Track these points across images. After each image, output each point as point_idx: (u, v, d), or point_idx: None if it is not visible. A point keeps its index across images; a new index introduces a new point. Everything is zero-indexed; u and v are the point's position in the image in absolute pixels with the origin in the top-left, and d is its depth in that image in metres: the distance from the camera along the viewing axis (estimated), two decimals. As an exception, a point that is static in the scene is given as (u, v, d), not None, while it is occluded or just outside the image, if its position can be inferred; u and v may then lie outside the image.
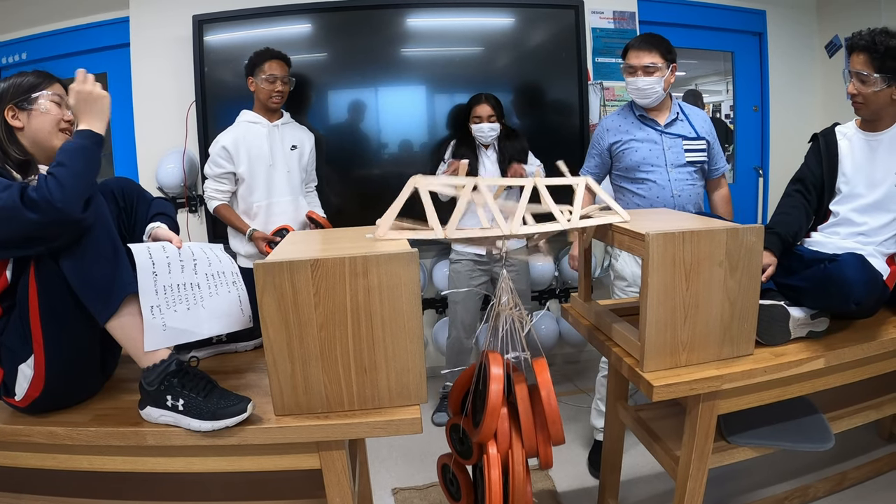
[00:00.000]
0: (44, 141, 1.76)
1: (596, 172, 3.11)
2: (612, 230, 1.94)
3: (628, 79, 2.95)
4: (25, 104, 1.73)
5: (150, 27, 3.84)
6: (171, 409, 1.58)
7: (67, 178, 1.50)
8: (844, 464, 2.81)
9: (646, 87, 2.88)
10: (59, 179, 1.49)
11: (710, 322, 1.81)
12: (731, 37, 4.66)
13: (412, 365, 1.59)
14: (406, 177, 1.75)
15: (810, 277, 2.06)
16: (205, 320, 1.74)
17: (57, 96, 1.78)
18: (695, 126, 2.98)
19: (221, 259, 1.87)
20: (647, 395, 1.77)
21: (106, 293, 1.59)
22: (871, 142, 2.37)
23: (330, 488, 1.65)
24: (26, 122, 1.74)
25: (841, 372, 2.06)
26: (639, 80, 2.88)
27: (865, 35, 2.26)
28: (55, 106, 1.77)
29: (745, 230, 1.78)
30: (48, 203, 1.45)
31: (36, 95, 1.74)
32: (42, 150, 1.77)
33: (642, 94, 2.90)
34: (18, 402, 1.65)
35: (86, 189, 1.54)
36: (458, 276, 3.61)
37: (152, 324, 1.62)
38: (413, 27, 4.00)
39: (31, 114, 1.74)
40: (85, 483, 1.87)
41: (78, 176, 1.52)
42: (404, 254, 1.52)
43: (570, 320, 2.37)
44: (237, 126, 3.30)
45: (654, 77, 2.87)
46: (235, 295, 1.85)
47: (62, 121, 1.78)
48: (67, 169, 1.51)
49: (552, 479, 2.95)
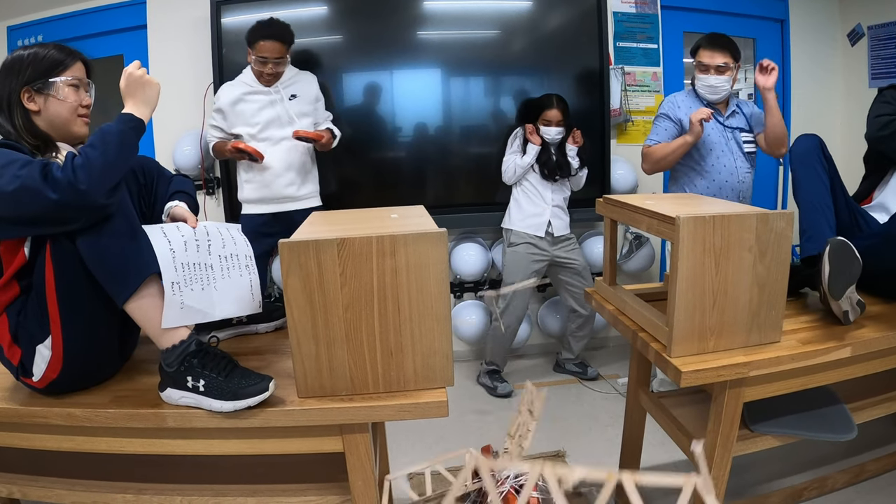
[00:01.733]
0: (61, 126, 1.74)
1: (667, 138, 3.22)
2: (641, 213, 1.92)
3: (700, 75, 3.16)
4: (43, 88, 1.69)
5: (168, 9, 3.84)
6: (191, 391, 1.57)
7: (97, 161, 1.47)
8: (863, 455, 2.79)
9: (718, 84, 3.11)
10: (88, 161, 1.46)
11: (738, 308, 1.78)
12: (752, 23, 4.61)
13: (439, 347, 1.57)
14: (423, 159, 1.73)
15: (875, 232, 2.13)
16: (217, 302, 1.73)
17: (76, 79, 1.74)
18: (747, 117, 3.18)
19: (236, 241, 1.84)
20: (674, 380, 1.74)
21: (124, 274, 1.58)
22: None
23: (353, 472, 1.63)
24: (43, 107, 1.70)
25: (866, 361, 2.03)
26: (711, 78, 3.11)
27: None
28: (73, 91, 1.73)
29: (776, 216, 1.75)
30: (71, 185, 1.42)
31: (53, 80, 1.70)
32: (59, 134, 1.75)
33: (713, 90, 3.14)
34: (36, 382, 1.64)
35: (116, 176, 1.52)
36: (518, 257, 3.76)
37: (172, 300, 1.60)
38: (431, 9, 3.98)
39: (48, 98, 1.70)
40: (102, 465, 1.86)
41: (109, 161, 1.49)
42: (433, 233, 1.50)
43: (593, 304, 2.35)
44: (234, 86, 3.34)
45: (725, 76, 3.11)
46: (247, 279, 1.83)
47: (80, 106, 1.75)
48: (99, 152, 1.49)
49: (570, 465, 2.92)
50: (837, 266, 1.89)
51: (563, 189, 3.79)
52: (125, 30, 4.01)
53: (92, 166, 1.46)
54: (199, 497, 1.74)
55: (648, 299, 2.11)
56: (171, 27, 3.84)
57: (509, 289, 3.64)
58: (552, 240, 3.76)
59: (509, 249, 3.81)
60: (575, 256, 3.81)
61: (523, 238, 3.76)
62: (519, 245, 3.76)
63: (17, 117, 1.68)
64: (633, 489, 0.55)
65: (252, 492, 1.75)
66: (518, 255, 3.76)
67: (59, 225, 1.51)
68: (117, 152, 1.52)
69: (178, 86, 3.80)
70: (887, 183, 2.44)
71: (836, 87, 4.77)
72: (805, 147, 2.26)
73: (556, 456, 3.01)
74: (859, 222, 2.33)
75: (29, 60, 1.69)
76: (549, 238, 3.75)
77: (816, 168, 2.23)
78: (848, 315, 1.98)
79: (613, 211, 2.16)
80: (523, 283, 3.50)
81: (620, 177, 4.16)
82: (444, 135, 4.03)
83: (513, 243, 3.80)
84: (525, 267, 3.74)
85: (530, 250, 3.75)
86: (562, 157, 3.70)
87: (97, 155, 1.48)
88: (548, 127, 3.63)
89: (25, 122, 1.69)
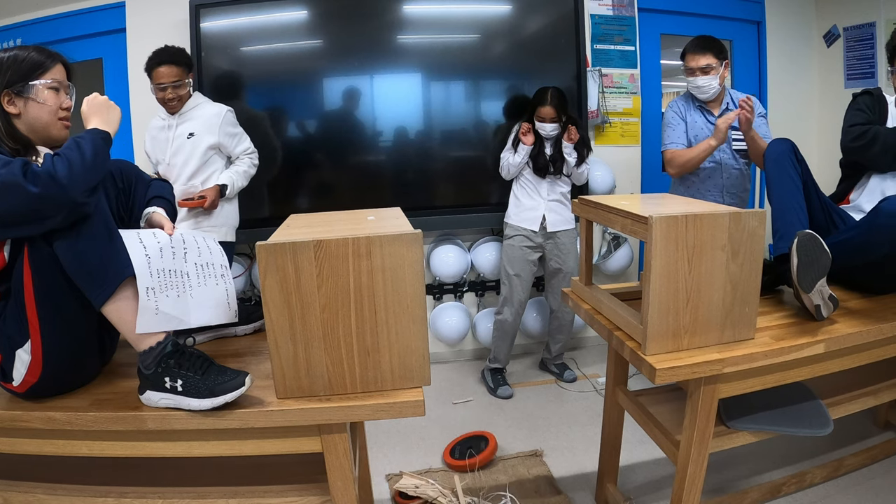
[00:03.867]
0: (41, 130, 1.73)
1: (684, 142, 3.40)
2: (615, 214, 1.94)
3: (689, 78, 3.34)
4: (23, 91, 1.68)
5: (147, 12, 3.83)
6: (170, 391, 1.57)
7: (76, 160, 1.49)
8: (841, 451, 2.83)
9: (704, 84, 3.30)
10: (68, 159, 1.47)
11: (711, 306, 1.81)
12: (729, 25, 4.65)
13: (415, 347, 1.58)
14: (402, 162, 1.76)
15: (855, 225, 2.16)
16: (193, 309, 1.72)
17: (56, 82, 1.73)
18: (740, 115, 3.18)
19: (212, 250, 1.84)
20: (649, 377, 1.77)
21: (101, 276, 1.57)
22: None
23: (332, 472, 1.64)
24: (23, 110, 1.69)
25: (840, 357, 2.06)
26: (698, 80, 3.30)
27: None
28: (53, 94, 1.73)
29: (748, 215, 1.78)
30: (51, 178, 1.43)
31: (33, 83, 1.69)
32: (40, 137, 1.74)
33: (701, 90, 3.32)
34: (16, 387, 1.64)
35: (93, 177, 1.52)
36: (513, 249, 3.81)
37: (146, 306, 1.60)
38: (410, 14, 3.99)
39: (27, 102, 1.69)
40: (83, 469, 1.86)
41: (87, 163, 1.51)
42: (408, 234, 1.51)
43: (570, 304, 2.37)
44: (154, 120, 3.35)
45: (710, 76, 3.28)
46: (223, 288, 1.82)
47: (60, 109, 1.75)
48: (77, 154, 1.50)
49: (548, 464, 2.95)
50: (806, 258, 1.93)
51: (561, 184, 3.80)
52: (104, 33, 3.99)
53: (71, 163, 1.47)
54: (180, 499, 1.74)
55: (624, 298, 2.14)
56: (150, 30, 3.83)
57: None
58: (546, 234, 3.78)
59: (506, 242, 3.86)
60: (565, 259, 3.82)
61: (518, 231, 3.80)
62: (513, 237, 3.81)
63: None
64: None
65: (233, 493, 1.76)
66: (513, 248, 3.81)
67: (37, 222, 1.49)
68: (93, 156, 1.53)
69: (158, 89, 3.79)
70: (864, 185, 2.48)
71: (813, 88, 4.82)
72: (778, 151, 2.31)
73: (533, 455, 3.03)
74: (836, 221, 2.37)
75: (8, 63, 1.68)
76: (543, 232, 3.77)
77: (789, 170, 2.28)
78: (820, 310, 2.00)
79: (589, 211, 2.18)
80: None
81: (598, 178, 4.18)
82: (423, 138, 4.04)
83: (508, 236, 3.86)
84: (520, 259, 3.79)
85: (524, 243, 3.79)
86: (556, 153, 3.70)
87: (75, 156, 1.49)
88: (542, 123, 3.64)
89: (6, 125, 1.68)
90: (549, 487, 2.77)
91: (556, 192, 3.79)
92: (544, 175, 3.74)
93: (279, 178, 3.92)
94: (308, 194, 4.01)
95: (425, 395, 1.60)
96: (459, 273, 4.12)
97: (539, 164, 3.70)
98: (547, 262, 3.87)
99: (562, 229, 3.81)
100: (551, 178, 3.76)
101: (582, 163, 3.73)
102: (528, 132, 3.66)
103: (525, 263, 3.80)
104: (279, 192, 3.95)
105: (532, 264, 3.83)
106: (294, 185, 3.99)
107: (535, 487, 2.77)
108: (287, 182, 3.95)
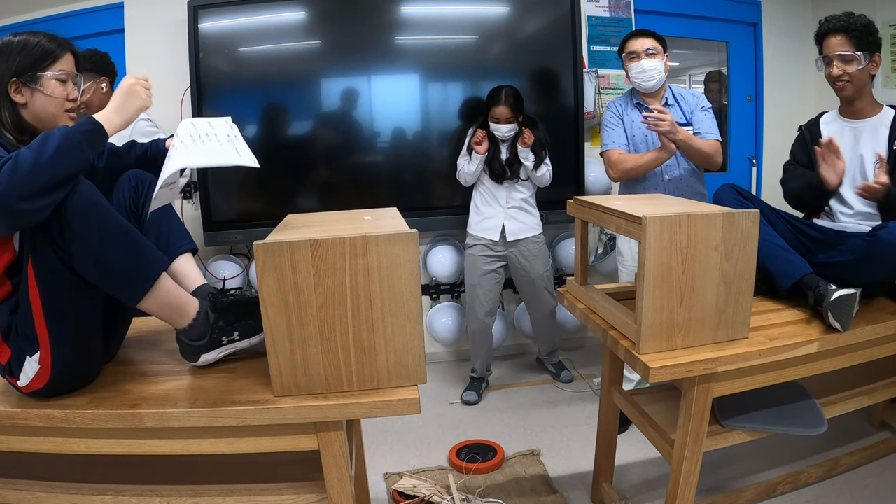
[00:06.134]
0: (47, 121, 1.71)
1: (625, 143, 3.20)
2: (609, 214, 1.95)
3: (631, 64, 3.10)
4: (30, 81, 1.67)
5: (145, 13, 3.84)
6: (228, 344, 1.71)
7: (26, 163, 1.39)
8: (836, 450, 2.83)
9: (650, 68, 3.04)
10: (16, 163, 1.39)
11: (705, 305, 1.83)
12: (725, 26, 4.66)
13: (411, 345, 1.60)
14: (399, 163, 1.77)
15: (853, 249, 2.14)
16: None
17: (64, 73, 1.72)
18: (684, 110, 3.10)
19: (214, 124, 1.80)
20: (643, 376, 1.78)
21: (133, 278, 1.59)
22: (855, 129, 2.49)
23: (328, 470, 1.65)
24: (30, 100, 1.68)
25: (834, 357, 2.08)
26: (643, 63, 3.04)
27: (839, 17, 2.39)
28: (60, 86, 1.71)
29: (741, 215, 1.80)
30: None
31: (41, 74, 1.67)
32: (45, 127, 1.70)
33: (647, 76, 3.06)
34: (21, 387, 1.63)
35: (44, 179, 1.41)
36: (473, 259, 3.69)
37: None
38: (407, 15, 4.00)
39: (35, 92, 1.68)
40: (81, 467, 1.86)
41: (39, 164, 1.41)
42: (404, 234, 1.53)
43: (565, 304, 2.39)
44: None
45: (656, 59, 3.05)
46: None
47: (66, 100, 1.73)
48: (33, 153, 1.42)
49: (544, 464, 2.96)
50: (844, 315, 1.99)
51: (521, 189, 3.62)
52: (102, 34, 3.99)
53: (18, 167, 1.38)
54: (178, 497, 1.75)
55: (619, 298, 2.15)
56: (148, 31, 3.84)
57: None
58: (506, 244, 3.64)
59: (467, 252, 3.76)
60: (532, 265, 3.68)
61: (478, 240, 3.67)
62: (474, 247, 3.70)
63: (3, 110, 1.67)
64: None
65: (230, 491, 1.76)
66: (473, 257, 3.70)
67: None
68: (52, 156, 1.43)
69: (156, 89, 3.74)
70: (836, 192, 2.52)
71: (809, 89, 4.81)
72: (724, 200, 2.33)
73: (530, 455, 3.04)
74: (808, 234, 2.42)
75: (18, 49, 1.66)
76: (504, 241, 3.63)
77: None
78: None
79: (584, 212, 2.20)
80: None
81: (595, 178, 4.18)
82: (420, 139, 4.05)
83: (468, 245, 3.74)
84: (479, 269, 3.68)
85: (484, 252, 3.66)
86: (513, 155, 3.54)
87: (29, 156, 1.41)
88: (497, 124, 3.47)
89: (12, 115, 1.67)
90: (545, 487, 2.78)
91: (515, 199, 3.62)
92: (501, 181, 3.58)
93: (277, 178, 3.92)
94: (305, 194, 4.01)
95: (421, 393, 1.61)
96: (456, 274, 4.12)
97: (495, 169, 3.55)
98: (513, 271, 3.75)
99: (524, 237, 3.65)
100: (509, 183, 3.60)
101: (541, 164, 3.53)
102: (482, 141, 3.47)
103: (485, 273, 3.68)
104: (277, 192, 3.96)
105: (494, 273, 3.70)
106: (291, 185, 4.00)
107: (531, 486, 2.78)
108: (284, 182, 3.96)
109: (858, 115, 2.50)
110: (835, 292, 2.00)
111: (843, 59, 2.38)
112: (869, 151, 2.44)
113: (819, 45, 2.48)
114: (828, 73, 2.43)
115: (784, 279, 2.21)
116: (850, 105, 2.51)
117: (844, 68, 2.38)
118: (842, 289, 2.01)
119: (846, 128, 2.53)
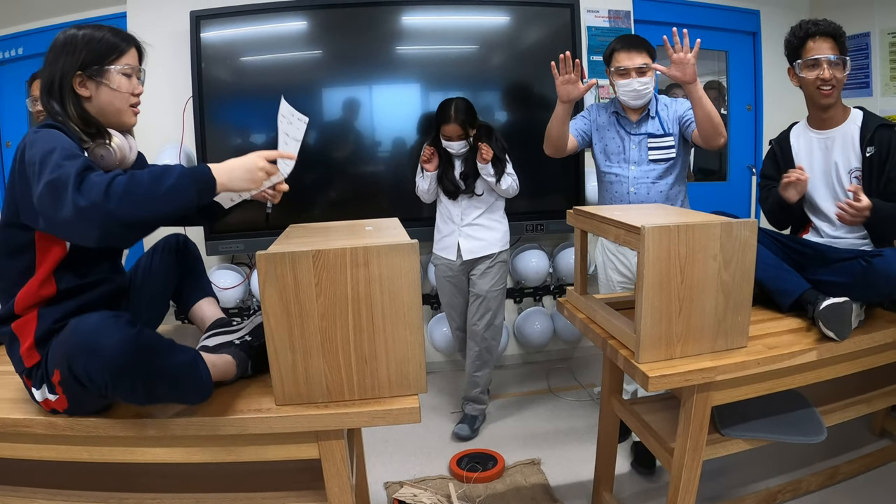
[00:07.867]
0: (112, 115, 1.69)
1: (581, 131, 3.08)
2: (608, 224, 1.96)
3: (620, 81, 2.90)
4: (96, 75, 1.63)
5: (147, 23, 3.85)
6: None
7: (141, 189, 1.40)
8: (836, 458, 2.84)
9: (641, 87, 2.87)
10: (130, 184, 1.39)
11: (704, 314, 1.84)
12: (725, 36, 4.69)
13: (412, 355, 1.61)
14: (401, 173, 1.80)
15: (849, 272, 2.15)
16: None
17: (129, 67, 1.69)
18: (664, 122, 2.96)
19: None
20: (642, 385, 1.79)
21: (193, 377, 1.56)
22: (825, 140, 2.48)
23: (329, 479, 1.66)
24: (94, 93, 1.65)
25: (833, 365, 2.09)
26: (633, 82, 2.86)
27: (825, 22, 2.38)
28: (125, 80, 1.68)
29: (739, 225, 1.81)
30: (104, 193, 1.36)
31: (108, 68, 1.64)
32: (110, 122, 1.69)
33: (638, 94, 2.89)
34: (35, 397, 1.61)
35: (151, 216, 1.44)
36: (438, 279, 3.56)
37: None
38: (409, 25, 4.02)
39: (100, 86, 1.65)
40: (83, 475, 1.87)
41: (152, 199, 1.42)
42: (405, 245, 1.54)
43: (565, 314, 2.39)
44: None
45: (647, 77, 2.88)
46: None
47: (132, 95, 1.71)
48: (149, 183, 1.42)
49: (544, 473, 2.97)
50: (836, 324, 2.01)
51: (480, 204, 3.36)
52: (105, 44, 4.01)
53: (132, 190, 1.39)
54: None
55: (618, 308, 2.16)
56: (150, 41, 3.80)
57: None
58: (463, 264, 3.40)
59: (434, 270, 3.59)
60: (483, 281, 3.39)
61: (440, 259, 3.48)
62: (438, 265, 3.51)
63: (68, 103, 1.62)
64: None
65: (231, 500, 1.78)
66: (438, 277, 3.54)
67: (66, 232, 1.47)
68: (165, 192, 1.44)
69: (159, 99, 3.80)
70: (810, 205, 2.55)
71: (808, 98, 4.83)
72: None
73: (531, 464, 3.04)
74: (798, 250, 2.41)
75: (83, 43, 1.63)
76: (461, 260, 3.39)
77: None
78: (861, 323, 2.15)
79: (583, 222, 2.21)
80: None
81: (594, 189, 4.17)
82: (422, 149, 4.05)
83: (434, 263, 3.57)
84: (445, 289, 3.52)
85: (446, 273, 3.46)
86: (468, 169, 3.30)
87: (146, 183, 1.41)
88: (449, 142, 3.24)
89: (78, 108, 1.64)
90: (545, 496, 2.78)
91: (471, 216, 3.36)
92: (455, 197, 3.35)
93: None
94: (307, 204, 4.02)
95: (421, 403, 1.62)
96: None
97: (446, 186, 3.34)
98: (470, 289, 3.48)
99: (480, 256, 3.38)
100: (465, 198, 3.35)
101: (503, 176, 3.25)
102: (431, 158, 3.29)
103: (451, 291, 3.50)
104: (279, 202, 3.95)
105: (461, 291, 3.49)
106: (293, 196, 3.97)
107: (532, 495, 2.78)
108: (286, 192, 3.95)
109: (829, 122, 2.46)
110: (825, 300, 2.02)
111: (832, 63, 2.35)
112: (842, 158, 2.42)
113: (797, 49, 2.45)
114: (815, 75, 2.38)
115: (784, 298, 2.22)
116: (824, 112, 2.45)
117: (833, 73, 2.35)
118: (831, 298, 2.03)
119: (816, 139, 2.51)
